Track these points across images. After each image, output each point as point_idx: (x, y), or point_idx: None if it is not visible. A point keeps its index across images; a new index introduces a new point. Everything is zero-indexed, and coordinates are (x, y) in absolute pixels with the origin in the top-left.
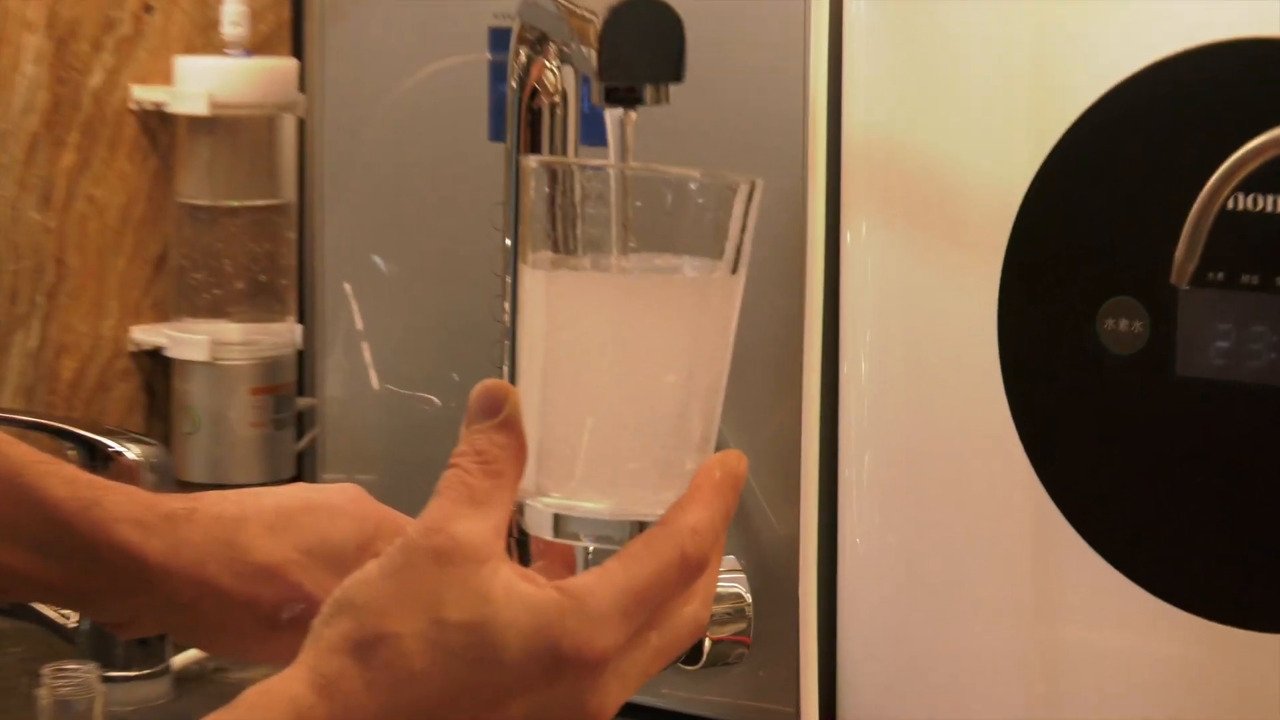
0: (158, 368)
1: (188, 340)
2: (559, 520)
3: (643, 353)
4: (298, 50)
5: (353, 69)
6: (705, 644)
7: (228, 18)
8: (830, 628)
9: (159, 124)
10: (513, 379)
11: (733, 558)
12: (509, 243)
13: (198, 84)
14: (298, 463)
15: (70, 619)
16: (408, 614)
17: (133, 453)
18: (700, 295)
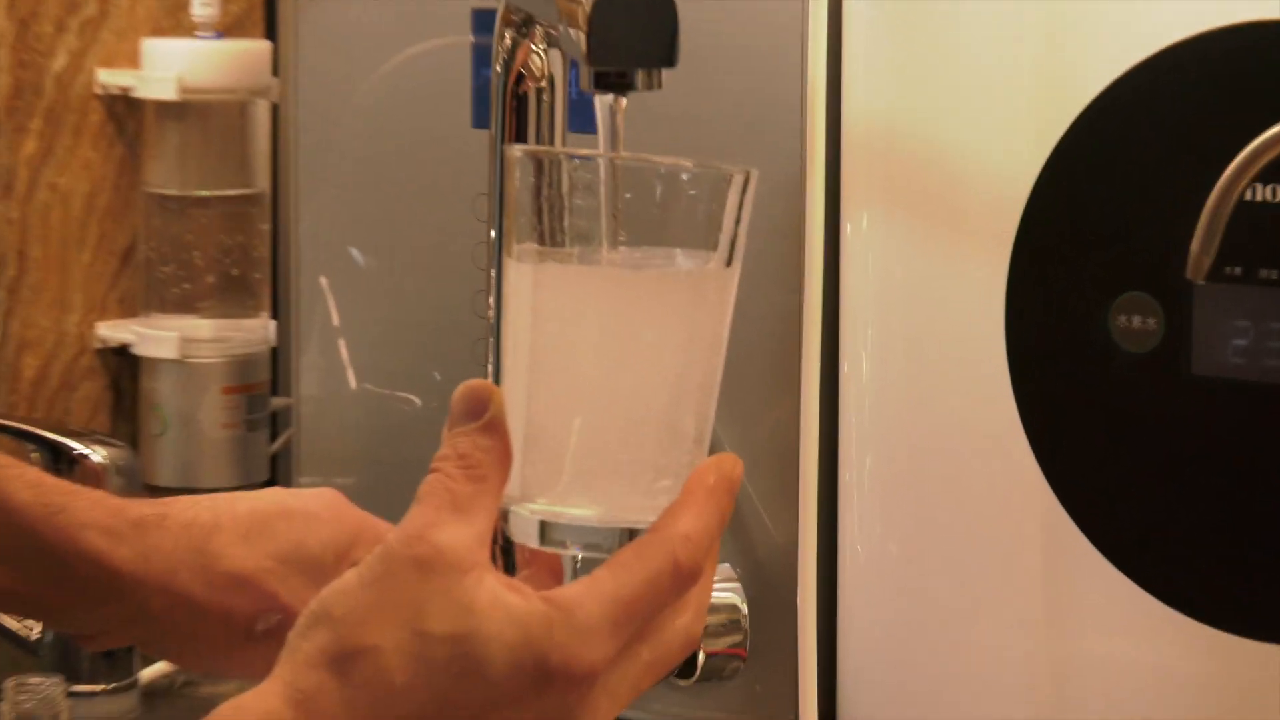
0: (124, 366)
1: (156, 337)
2: (545, 527)
3: (633, 350)
4: (271, 32)
5: (329, 52)
6: (699, 657)
7: None
8: (830, 639)
9: (125, 109)
10: (497, 378)
11: (727, 566)
12: (493, 235)
13: (166, 67)
14: (272, 465)
15: (33, 630)
16: (388, 626)
17: (99, 455)
18: (693, 290)
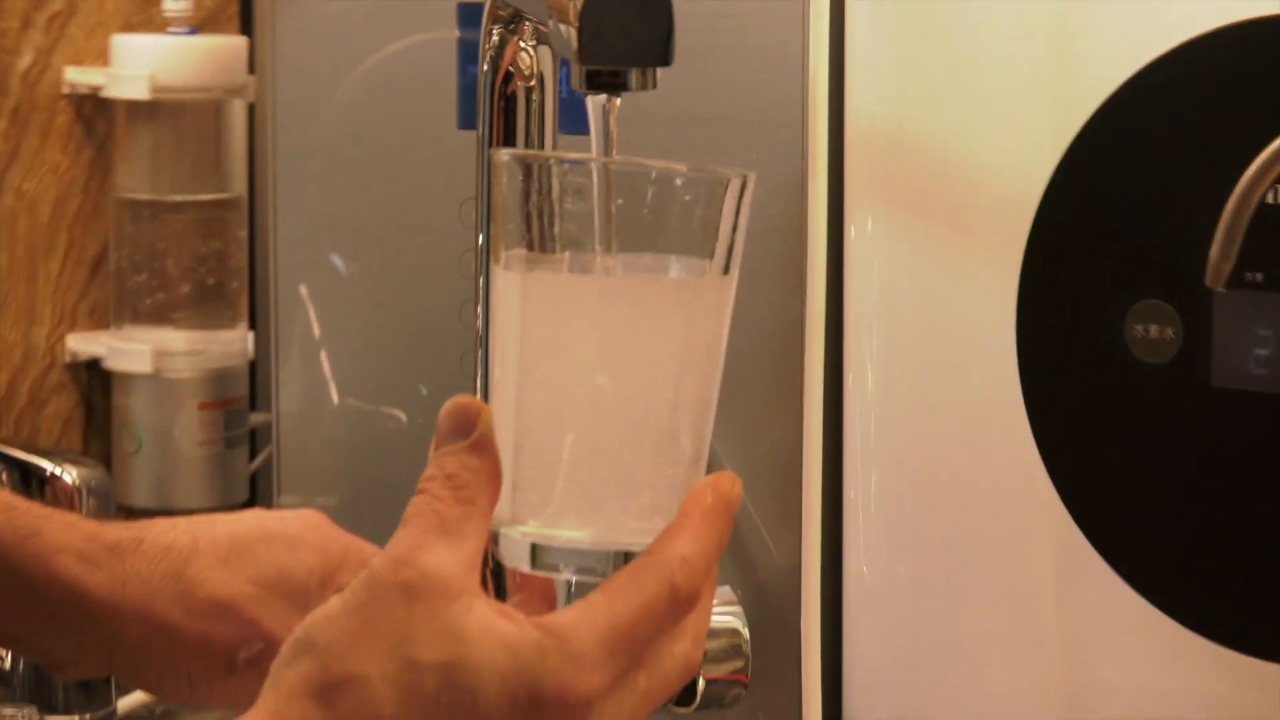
0: (96, 380)
1: (129, 350)
2: (537, 550)
3: (627, 362)
4: (247, 27)
5: (308, 48)
6: (699, 684)
7: None
8: (834, 665)
9: (95, 109)
10: (485, 392)
11: (728, 589)
12: (481, 241)
13: (137, 65)
14: (251, 485)
15: (6, 659)
16: (375, 654)
17: (70, 475)
18: (689, 298)
